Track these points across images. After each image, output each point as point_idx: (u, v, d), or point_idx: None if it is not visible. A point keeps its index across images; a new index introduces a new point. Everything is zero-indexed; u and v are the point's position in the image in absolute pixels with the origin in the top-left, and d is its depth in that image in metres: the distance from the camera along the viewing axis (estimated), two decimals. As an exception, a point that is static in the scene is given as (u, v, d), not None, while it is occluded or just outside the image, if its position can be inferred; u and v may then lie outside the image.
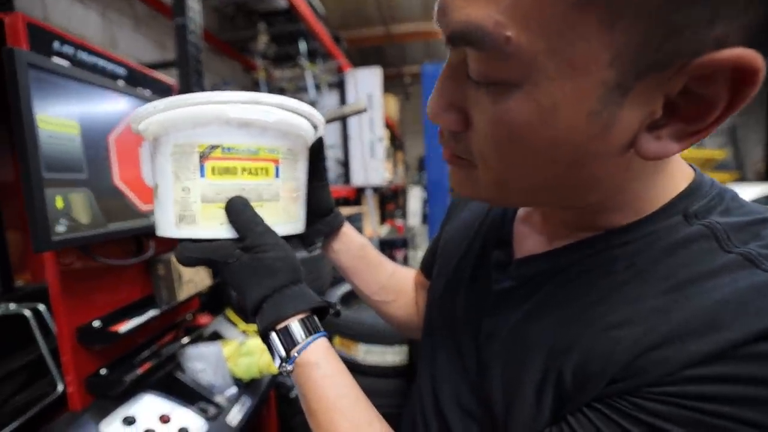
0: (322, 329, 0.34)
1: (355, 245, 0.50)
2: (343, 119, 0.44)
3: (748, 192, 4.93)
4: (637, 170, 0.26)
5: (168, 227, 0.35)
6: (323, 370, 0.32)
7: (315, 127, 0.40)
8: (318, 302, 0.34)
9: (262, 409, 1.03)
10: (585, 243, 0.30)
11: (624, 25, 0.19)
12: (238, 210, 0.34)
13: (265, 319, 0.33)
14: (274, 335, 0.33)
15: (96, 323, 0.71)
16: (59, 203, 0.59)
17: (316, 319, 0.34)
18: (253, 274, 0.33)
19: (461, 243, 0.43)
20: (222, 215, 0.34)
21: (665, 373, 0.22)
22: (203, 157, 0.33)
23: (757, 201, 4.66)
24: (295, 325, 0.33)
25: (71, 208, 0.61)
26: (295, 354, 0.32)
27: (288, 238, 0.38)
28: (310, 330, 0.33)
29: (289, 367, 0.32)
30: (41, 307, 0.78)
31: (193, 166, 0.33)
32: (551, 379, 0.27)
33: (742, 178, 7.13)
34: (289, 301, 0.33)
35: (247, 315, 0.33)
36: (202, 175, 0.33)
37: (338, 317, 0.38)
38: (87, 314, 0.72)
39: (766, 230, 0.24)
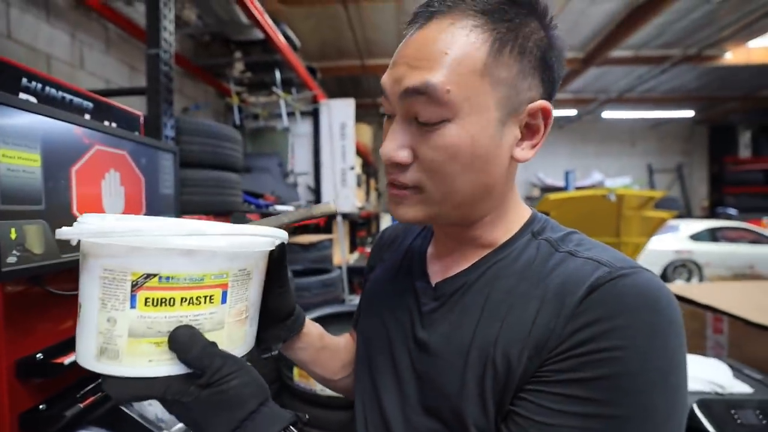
0: None
1: (314, 339, 0.51)
2: (310, 219, 0.47)
3: (694, 226, 5.42)
4: (509, 196, 0.42)
5: (87, 358, 0.30)
6: None
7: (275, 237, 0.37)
8: (290, 418, 0.32)
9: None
10: (480, 262, 0.41)
11: (499, 89, 0.35)
12: (185, 344, 0.30)
13: None
14: None
15: (38, 355, 0.69)
16: (12, 235, 0.59)
17: None
18: (216, 410, 0.30)
19: (388, 284, 0.49)
20: (152, 351, 0.30)
21: (556, 337, 0.32)
22: (136, 286, 0.29)
23: (700, 233, 5.06)
24: None
25: (25, 239, 0.61)
26: None
27: None
28: None
29: None
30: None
31: (123, 296, 0.29)
32: (489, 369, 0.35)
33: (689, 215, 7.83)
34: (263, 427, 0.30)
35: None
36: (133, 306, 0.29)
37: (307, 425, 0.35)
38: (30, 346, 0.70)
39: (572, 237, 0.40)
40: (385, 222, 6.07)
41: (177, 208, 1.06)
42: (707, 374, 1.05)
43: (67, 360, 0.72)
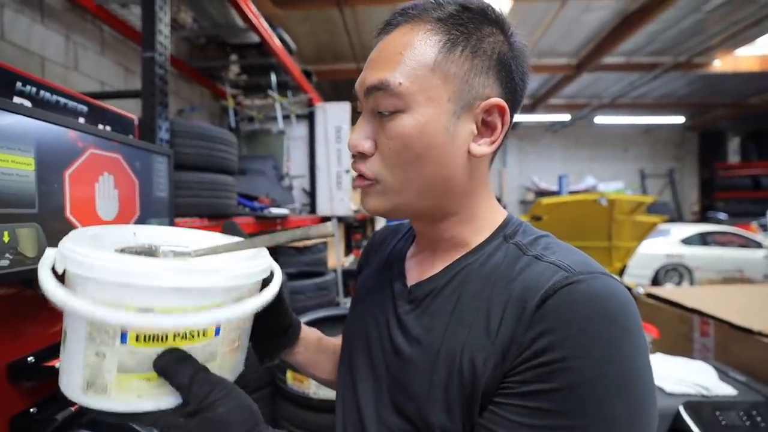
0: None
1: (312, 342, 0.53)
2: (306, 239, 0.48)
3: (685, 231, 5.49)
4: (479, 196, 0.43)
5: (73, 389, 0.29)
6: None
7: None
8: None
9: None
10: (451, 266, 0.43)
11: (451, 82, 0.38)
12: (171, 372, 0.29)
13: None
14: None
15: (30, 358, 0.69)
16: (5, 238, 0.60)
17: None
18: None
19: (370, 285, 0.51)
20: (142, 387, 0.29)
21: (517, 344, 0.33)
22: None
23: (691, 238, 5.14)
24: None
25: (18, 243, 0.62)
26: None
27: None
28: None
29: None
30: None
31: (113, 330, 0.28)
32: (455, 375, 0.36)
33: (680, 219, 7.93)
34: None
35: None
36: (123, 341, 0.28)
37: None
38: (21, 349, 0.70)
39: (540, 241, 0.40)
40: (380, 225, 6.07)
41: (171, 211, 1.06)
42: (694, 377, 1.07)
43: (58, 363, 0.72)
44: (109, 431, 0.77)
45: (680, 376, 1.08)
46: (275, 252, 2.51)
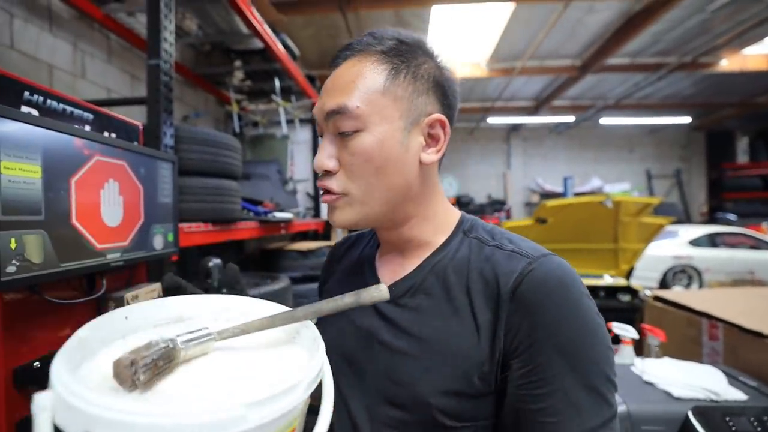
0: None
1: None
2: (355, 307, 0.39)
3: (693, 232, 5.42)
4: (433, 199, 0.49)
5: None
6: None
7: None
8: None
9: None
10: (424, 263, 0.48)
11: (399, 103, 0.44)
12: None
13: None
14: None
15: (36, 364, 0.70)
16: (12, 245, 0.61)
17: None
18: None
19: (344, 290, 0.53)
20: None
21: (506, 327, 0.40)
22: None
23: (699, 239, 5.06)
24: None
25: (24, 249, 0.63)
26: None
27: None
28: None
29: None
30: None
31: None
32: (448, 358, 0.41)
33: (688, 220, 7.83)
34: None
35: None
36: None
37: None
38: (27, 355, 0.71)
39: (495, 232, 0.48)
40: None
41: (176, 217, 1.07)
42: (702, 381, 1.05)
43: (64, 368, 0.73)
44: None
45: (688, 380, 1.06)
46: (279, 258, 2.51)
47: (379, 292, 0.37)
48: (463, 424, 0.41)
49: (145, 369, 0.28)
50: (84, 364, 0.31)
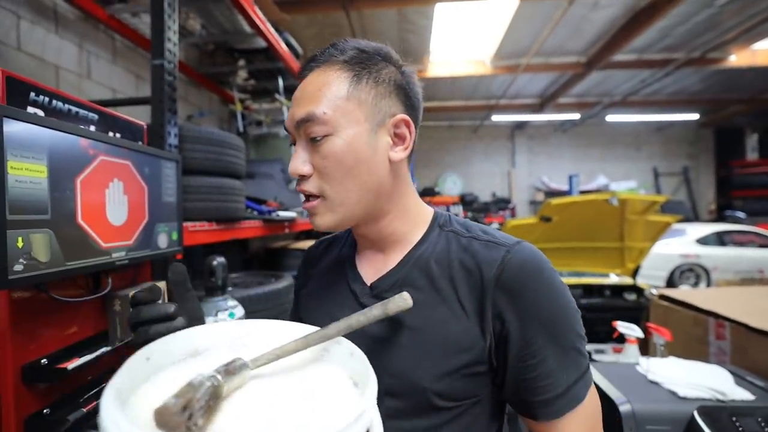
0: None
1: None
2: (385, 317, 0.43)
3: (701, 230, 5.36)
4: (406, 196, 0.53)
5: None
6: None
7: None
8: None
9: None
10: (405, 259, 0.51)
11: (364, 107, 0.47)
12: None
13: None
14: None
15: (43, 360, 0.71)
16: (19, 243, 0.61)
17: None
18: None
19: (323, 294, 0.56)
20: None
21: (494, 313, 0.45)
22: None
23: (707, 237, 5.00)
24: None
25: (31, 248, 0.64)
26: None
27: None
28: None
29: None
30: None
31: None
32: (438, 345, 0.45)
33: (696, 218, 7.73)
34: None
35: None
36: None
37: None
38: (35, 352, 0.72)
39: (468, 224, 0.53)
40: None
41: (180, 216, 1.08)
42: (708, 381, 1.04)
43: (70, 365, 0.74)
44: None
45: (694, 380, 1.05)
46: (283, 257, 2.52)
47: (404, 300, 0.42)
48: (457, 403, 0.45)
49: (202, 412, 0.27)
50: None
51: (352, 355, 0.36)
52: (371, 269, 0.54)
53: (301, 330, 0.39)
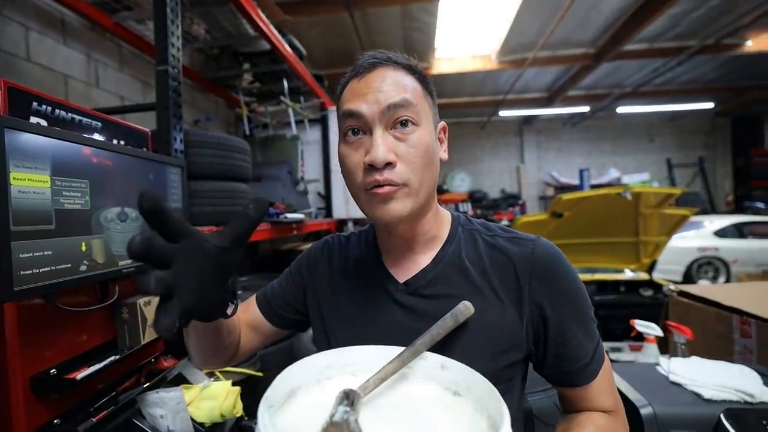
0: None
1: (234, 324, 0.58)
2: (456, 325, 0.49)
3: (719, 222, 5.21)
4: (435, 195, 0.56)
5: None
6: None
7: None
8: None
9: (225, 456, 1.00)
10: (438, 256, 0.55)
11: (429, 108, 0.53)
12: None
13: None
14: None
15: (52, 371, 0.71)
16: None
17: None
18: None
19: (352, 297, 0.56)
20: None
21: (532, 301, 0.51)
22: None
23: (726, 229, 4.85)
24: None
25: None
26: None
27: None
28: None
29: None
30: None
31: None
32: (480, 333, 0.49)
33: (713, 210, 7.51)
34: None
35: None
36: None
37: None
38: (43, 362, 0.72)
39: (487, 224, 0.58)
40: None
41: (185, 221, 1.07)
42: (735, 382, 1.00)
43: (79, 375, 0.74)
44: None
45: (720, 381, 1.01)
46: (292, 259, 2.52)
47: (467, 308, 0.48)
48: (498, 386, 0.44)
49: None
50: None
51: (443, 366, 0.40)
52: (399, 268, 0.56)
53: (389, 351, 0.43)
